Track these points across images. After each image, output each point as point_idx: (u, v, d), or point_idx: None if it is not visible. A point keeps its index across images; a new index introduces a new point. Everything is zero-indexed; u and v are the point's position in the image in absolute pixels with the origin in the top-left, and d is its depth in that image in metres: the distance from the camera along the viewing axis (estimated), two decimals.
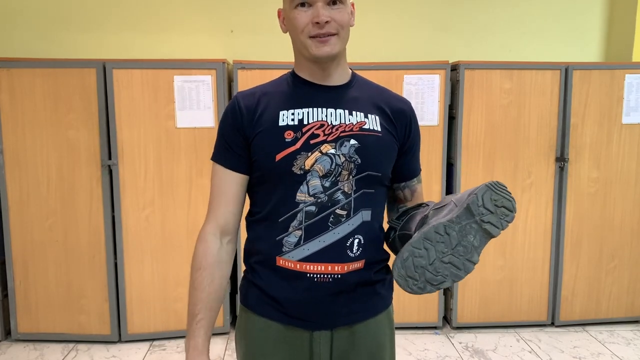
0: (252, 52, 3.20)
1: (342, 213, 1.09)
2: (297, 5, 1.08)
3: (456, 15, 3.34)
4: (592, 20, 3.44)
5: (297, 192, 1.08)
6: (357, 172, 1.10)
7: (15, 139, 2.72)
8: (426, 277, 0.97)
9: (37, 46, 3.11)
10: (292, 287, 1.11)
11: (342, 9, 1.09)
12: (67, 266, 2.81)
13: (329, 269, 1.09)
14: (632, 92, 2.95)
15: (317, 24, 1.07)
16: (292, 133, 1.09)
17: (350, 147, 1.10)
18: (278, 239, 1.10)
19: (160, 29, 3.18)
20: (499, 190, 0.99)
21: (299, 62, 1.18)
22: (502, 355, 2.77)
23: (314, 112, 1.12)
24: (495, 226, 0.98)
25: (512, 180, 2.96)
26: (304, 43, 1.10)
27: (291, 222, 1.09)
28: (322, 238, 1.08)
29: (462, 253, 0.97)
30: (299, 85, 1.17)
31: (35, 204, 2.76)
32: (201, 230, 1.14)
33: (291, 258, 1.09)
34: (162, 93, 2.74)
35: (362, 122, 1.13)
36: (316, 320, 1.12)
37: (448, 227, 0.98)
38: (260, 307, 1.14)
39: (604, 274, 3.09)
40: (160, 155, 2.77)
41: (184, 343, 1.17)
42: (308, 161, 1.08)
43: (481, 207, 0.98)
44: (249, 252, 1.18)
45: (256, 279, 1.15)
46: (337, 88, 1.16)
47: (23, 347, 2.81)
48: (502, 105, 2.90)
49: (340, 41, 1.11)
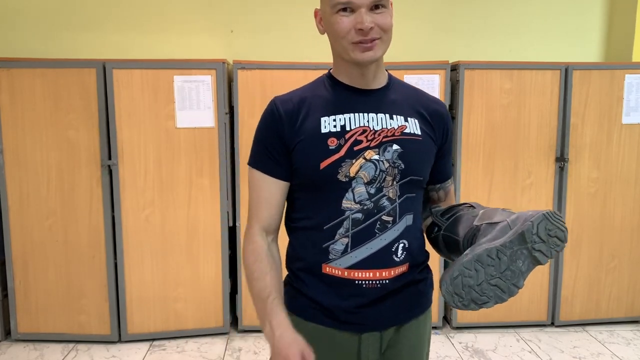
0: (252, 52, 3.20)
1: (388, 219, 1.10)
2: (339, 10, 1.05)
3: (456, 15, 3.34)
4: (592, 20, 3.44)
5: (342, 199, 1.08)
6: (400, 178, 1.10)
7: (15, 139, 2.72)
8: (472, 296, 0.99)
9: (37, 46, 3.11)
10: (339, 294, 1.11)
11: (386, 13, 1.06)
12: (67, 266, 2.81)
13: (376, 275, 1.10)
14: (632, 92, 2.95)
15: (360, 31, 1.04)
16: (336, 140, 1.08)
17: (394, 153, 1.09)
18: (324, 247, 1.10)
19: (160, 29, 3.18)
20: (555, 220, 1.00)
21: (338, 65, 1.16)
22: (502, 355, 2.77)
23: (356, 117, 1.11)
24: (544, 255, 1.00)
25: (512, 180, 2.96)
26: (345, 47, 1.07)
27: (337, 229, 1.09)
28: (369, 245, 1.08)
29: (509, 277, 0.99)
30: (337, 90, 1.14)
31: (35, 204, 2.76)
32: (247, 233, 1.15)
33: (338, 266, 1.09)
34: (162, 93, 2.74)
35: (403, 126, 1.12)
36: (366, 324, 1.13)
37: (500, 252, 0.99)
38: (307, 313, 1.14)
39: (604, 274, 3.09)
40: (160, 155, 2.77)
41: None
42: (353, 168, 1.07)
43: (535, 236, 0.99)
44: (292, 257, 1.18)
45: (301, 286, 1.15)
46: (376, 92, 1.15)
47: (23, 347, 2.81)
48: (502, 105, 2.90)
49: (384, 45, 1.09)
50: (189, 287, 2.89)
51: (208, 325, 2.93)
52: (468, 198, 2.94)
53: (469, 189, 2.94)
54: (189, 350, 2.80)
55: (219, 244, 2.88)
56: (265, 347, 2.82)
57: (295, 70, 2.78)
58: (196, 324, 2.92)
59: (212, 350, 2.80)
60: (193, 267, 2.87)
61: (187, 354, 2.76)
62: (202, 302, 2.91)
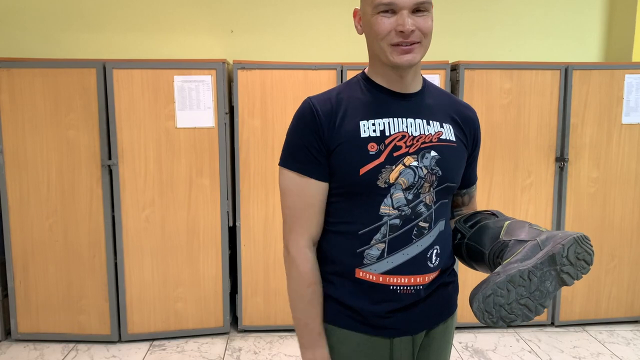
0: (252, 52, 3.20)
1: (425, 225, 1.09)
2: (381, 11, 1.03)
3: (456, 15, 3.34)
4: (592, 20, 3.44)
5: (380, 205, 1.06)
6: (437, 184, 1.09)
7: (15, 139, 2.72)
8: (501, 314, 1.01)
9: (37, 46, 3.11)
10: (372, 298, 1.10)
11: (427, 16, 1.05)
12: (67, 266, 2.81)
13: (412, 281, 1.09)
14: (632, 92, 2.95)
15: (401, 33, 1.02)
16: (376, 145, 1.06)
17: (432, 159, 1.09)
18: (359, 252, 1.09)
19: (160, 29, 3.18)
20: (584, 244, 1.02)
21: (374, 67, 1.13)
22: (502, 355, 2.77)
23: (395, 122, 1.09)
24: (571, 277, 1.02)
25: (512, 180, 2.96)
26: (383, 49, 1.05)
27: (374, 235, 1.07)
28: (406, 251, 1.08)
29: (538, 297, 1.02)
30: (374, 93, 1.12)
31: (35, 204, 2.76)
32: (294, 245, 1.11)
33: (373, 271, 1.08)
34: (162, 93, 2.74)
35: (440, 132, 1.12)
36: (397, 328, 1.12)
37: (532, 273, 1.01)
38: (338, 319, 1.13)
39: (604, 274, 3.09)
40: (160, 155, 2.77)
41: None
42: (392, 175, 1.06)
43: (565, 259, 1.01)
44: (322, 260, 1.15)
45: (332, 291, 1.13)
46: (413, 96, 1.13)
47: (23, 347, 2.81)
48: (502, 105, 2.90)
49: (423, 49, 1.07)
50: (189, 287, 2.89)
51: (208, 325, 2.94)
52: None
53: None
54: (189, 350, 2.80)
55: (219, 244, 2.88)
56: (265, 347, 2.82)
57: (295, 70, 2.78)
58: (196, 324, 2.93)
59: (212, 350, 2.80)
60: (193, 267, 2.88)
61: (187, 354, 2.76)
62: (202, 302, 2.91)
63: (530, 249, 1.04)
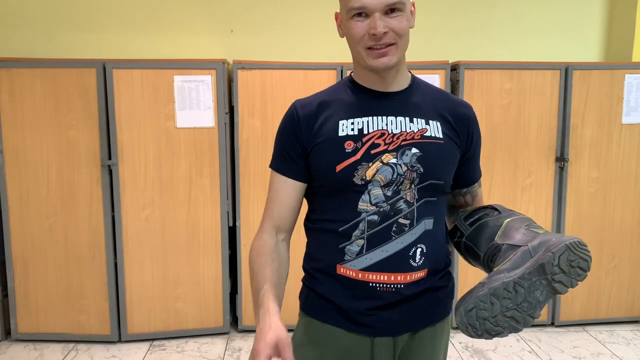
0: (252, 52, 3.20)
1: (405, 222, 1.08)
2: (354, 15, 1.05)
3: (456, 15, 3.34)
4: (592, 20, 3.44)
5: (358, 201, 1.07)
6: (419, 181, 1.09)
7: (15, 139, 2.72)
8: (486, 327, 0.98)
9: (37, 46, 3.11)
10: (353, 295, 1.10)
11: (401, 17, 1.05)
12: (67, 266, 2.81)
13: (391, 279, 1.08)
14: (632, 92, 2.95)
15: (373, 36, 1.03)
16: (352, 143, 1.08)
17: (412, 156, 1.08)
18: (340, 248, 1.10)
19: (160, 29, 3.18)
20: (579, 250, 0.96)
21: (357, 69, 1.15)
22: (502, 355, 2.77)
23: (374, 120, 1.10)
24: (565, 285, 0.97)
25: (512, 180, 2.96)
26: (360, 53, 1.07)
27: (353, 231, 1.08)
28: (385, 247, 1.08)
29: (526, 309, 0.97)
30: (358, 93, 1.14)
31: (35, 204, 2.76)
32: (258, 230, 1.16)
33: (352, 267, 1.09)
34: (162, 93, 2.74)
35: (424, 130, 1.11)
36: (379, 327, 1.12)
37: (518, 285, 0.97)
38: (322, 314, 1.14)
39: (604, 274, 3.09)
40: (160, 155, 2.77)
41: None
42: (369, 172, 1.07)
43: (555, 267, 0.96)
44: (308, 258, 1.19)
45: (317, 287, 1.15)
46: (398, 94, 1.14)
47: (23, 347, 2.81)
48: (502, 105, 2.90)
49: (399, 50, 1.08)
50: (189, 287, 2.89)
51: (208, 325, 2.93)
52: None
53: None
54: (189, 350, 2.80)
55: (219, 244, 2.88)
56: None
57: (295, 70, 2.78)
58: (196, 324, 2.92)
59: (212, 350, 2.80)
60: (193, 267, 2.87)
61: (187, 354, 2.76)
62: (202, 302, 2.91)
63: (521, 257, 1.00)
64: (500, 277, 0.98)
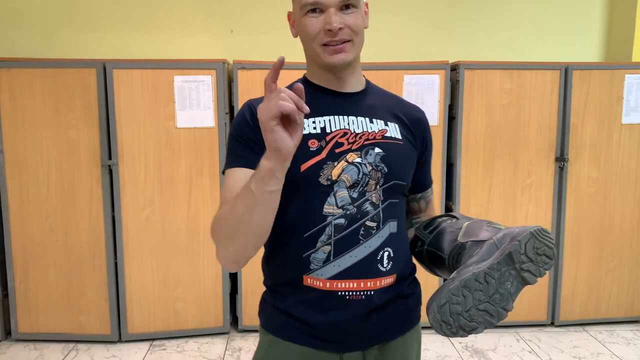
0: (252, 52, 3.20)
1: (372, 225, 1.04)
2: (308, 11, 1.02)
3: (456, 15, 3.34)
4: (592, 20, 3.44)
5: (324, 204, 1.02)
6: (384, 182, 1.06)
7: (15, 139, 2.72)
8: (460, 323, 0.95)
9: (37, 46, 3.11)
10: (321, 307, 1.04)
11: (356, 13, 1.03)
12: (67, 266, 2.81)
13: (361, 286, 1.03)
14: (632, 92, 2.95)
15: (329, 32, 1.01)
16: (316, 142, 1.04)
17: (376, 156, 1.06)
18: (305, 256, 1.03)
19: (160, 29, 3.18)
20: (543, 237, 0.96)
21: (312, 69, 1.13)
22: (502, 355, 2.77)
23: (336, 120, 1.08)
24: (533, 274, 0.97)
25: (512, 180, 2.96)
26: (316, 50, 1.05)
27: (319, 236, 1.02)
28: (353, 253, 1.02)
29: (499, 301, 0.96)
30: (314, 93, 1.10)
31: (35, 204, 2.76)
32: None
33: (320, 276, 1.03)
34: (162, 93, 2.74)
35: (384, 130, 1.09)
36: (348, 342, 1.06)
37: (488, 275, 0.95)
38: (285, 331, 1.08)
39: (604, 274, 3.09)
40: (160, 155, 2.77)
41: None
42: (335, 171, 1.03)
43: (523, 256, 0.95)
44: (269, 272, 1.12)
45: (279, 302, 1.09)
46: (354, 95, 1.12)
47: (23, 347, 2.81)
48: (502, 105, 2.90)
49: (355, 47, 1.05)
50: (189, 287, 2.89)
51: (208, 325, 2.94)
52: (468, 198, 2.94)
53: (469, 189, 2.94)
54: (189, 350, 2.80)
55: None
56: None
57: (295, 70, 2.76)
58: (196, 324, 2.93)
59: (212, 350, 2.80)
60: (193, 267, 2.87)
61: (187, 354, 2.76)
62: (202, 302, 2.91)
63: (487, 250, 0.99)
64: (469, 269, 0.97)
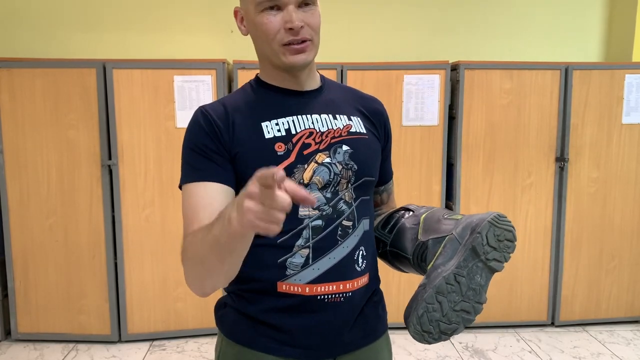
0: (252, 52, 3.16)
1: (349, 224, 1.01)
2: (265, 9, 0.95)
3: (456, 15, 3.34)
4: (592, 20, 3.44)
5: (298, 207, 0.96)
6: (355, 180, 1.02)
7: (15, 139, 2.72)
8: (441, 328, 0.95)
9: (37, 46, 3.11)
10: (296, 313, 0.99)
11: (314, 11, 0.98)
12: (67, 266, 2.81)
13: (340, 288, 1.00)
14: (632, 92, 2.95)
15: (290, 30, 0.95)
16: (283, 145, 0.99)
17: (344, 154, 1.02)
18: (280, 262, 0.98)
19: (160, 29, 3.18)
20: (501, 223, 0.96)
21: (266, 69, 1.07)
22: (502, 355, 2.77)
23: (299, 120, 1.02)
24: (499, 261, 0.96)
25: (512, 180, 2.96)
26: (275, 51, 0.98)
27: (295, 241, 0.97)
28: (332, 254, 0.99)
29: (472, 297, 0.96)
30: (271, 94, 1.05)
31: (35, 204, 2.76)
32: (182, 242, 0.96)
33: (298, 281, 0.98)
34: (162, 93, 2.74)
35: (349, 126, 1.06)
36: (322, 349, 1.02)
37: (458, 275, 0.95)
38: (252, 340, 1.01)
39: (604, 274, 3.08)
40: (160, 156, 2.77)
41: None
42: (306, 174, 0.98)
43: (486, 246, 0.95)
44: (237, 278, 0.97)
45: (247, 309, 1.01)
46: (313, 92, 1.08)
47: (23, 347, 2.81)
48: (502, 105, 2.90)
49: (315, 47, 1.01)
50: None
51: (208, 325, 2.93)
52: (468, 198, 2.94)
53: (469, 189, 2.94)
54: (189, 350, 2.80)
55: None
56: None
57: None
58: (196, 324, 2.92)
59: (212, 350, 2.80)
60: None
61: (187, 354, 2.76)
62: (202, 302, 2.91)
63: (450, 247, 0.98)
64: (438, 273, 0.96)
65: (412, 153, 2.85)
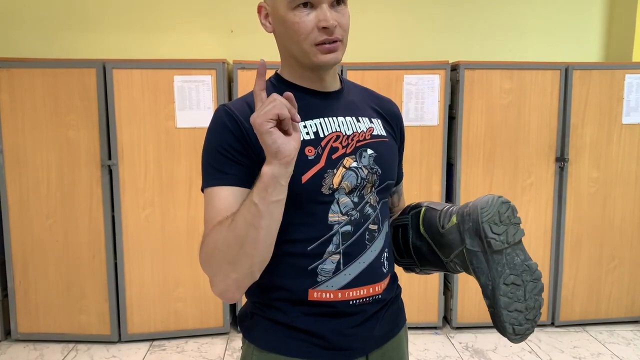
0: (252, 52, 3.20)
1: (374, 227, 1.02)
2: (298, 5, 0.92)
3: (456, 15, 3.34)
4: (592, 20, 3.44)
5: (328, 213, 0.96)
6: (379, 183, 1.02)
7: (15, 139, 2.72)
8: (528, 317, 0.96)
9: (37, 46, 3.11)
10: (328, 318, 0.99)
11: (345, 11, 0.97)
12: (67, 266, 2.81)
13: (370, 291, 1.01)
14: (632, 92, 2.95)
15: (324, 29, 0.92)
16: (313, 149, 0.96)
17: (369, 158, 1.01)
18: (310, 269, 0.97)
19: (160, 29, 3.18)
20: (486, 214, 0.98)
21: (290, 68, 1.03)
22: (502, 355, 2.77)
23: (327, 122, 1.00)
24: (514, 232, 0.97)
25: (512, 180, 2.96)
26: (305, 50, 0.95)
27: (326, 247, 0.97)
28: (362, 259, 0.99)
29: (529, 277, 0.96)
30: (297, 94, 0.96)
31: (35, 204, 2.76)
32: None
33: (330, 288, 0.97)
34: (162, 93, 2.74)
35: (371, 128, 1.05)
36: (355, 348, 1.02)
37: (505, 277, 0.96)
38: (286, 346, 1.00)
39: (604, 274, 3.08)
40: (160, 155, 2.77)
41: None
42: (335, 179, 0.96)
43: (497, 239, 0.95)
44: (265, 288, 1.00)
45: (279, 316, 1.00)
46: (336, 94, 1.05)
47: (23, 347, 2.81)
48: (502, 105, 2.90)
49: (344, 47, 0.99)
50: (189, 287, 2.89)
51: (208, 325, 2.93)
52: (468, 198, 2.93)
53: (469, 189, 2.93)
54: (189, 350, 2.80)
55: None
56: None
57: None
58: (196, 324, 2.92)
59: (212, 350, 2.80)
60: (193, 267, 2.87)
61: (187, 354, 2.76)
62: (202, 302, 2.91)
63: (476, 261, 0.98)
64: (493, 289, 0.96)
65: (412, 153, 2.85)
